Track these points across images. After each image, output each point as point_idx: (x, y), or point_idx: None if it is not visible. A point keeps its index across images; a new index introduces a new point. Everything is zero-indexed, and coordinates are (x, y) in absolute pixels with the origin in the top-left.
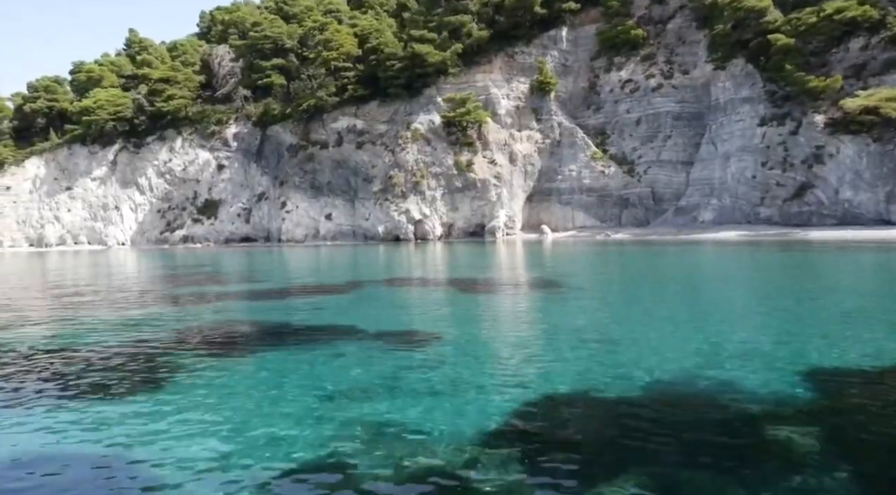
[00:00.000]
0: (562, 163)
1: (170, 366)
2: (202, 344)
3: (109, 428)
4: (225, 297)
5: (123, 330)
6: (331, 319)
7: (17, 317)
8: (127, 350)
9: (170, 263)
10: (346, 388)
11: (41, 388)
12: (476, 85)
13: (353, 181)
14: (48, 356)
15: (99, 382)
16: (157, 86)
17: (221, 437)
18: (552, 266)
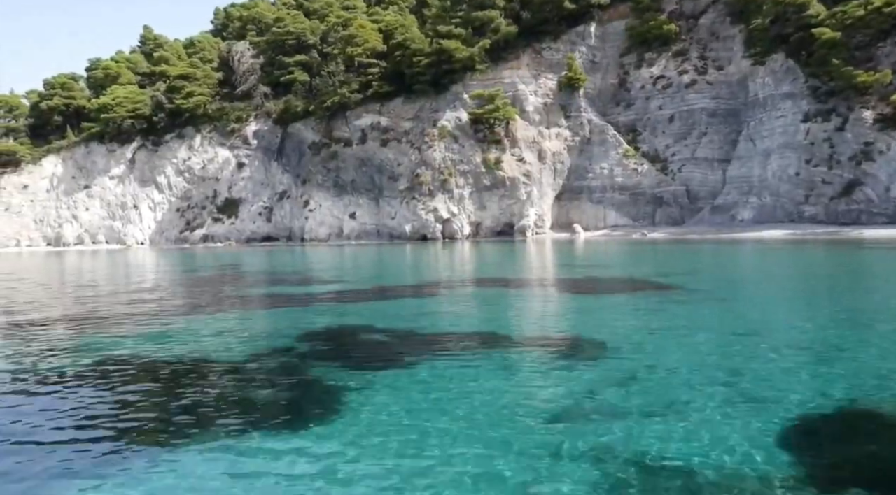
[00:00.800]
0: (592, 161)
1: (323, 385)
2: (342, 355)
3: (301, 465)
4: (320, 299)
5: (238, 340)
6: (460, 324)
7: (108, 324)
8: (260, 366)
9: (209, 263)
10: (549, 407)
11: (191, 422)
12: (503, 81)
13: (378, 179)
14: (172, 373)
15: (256, 408)
16: (176, 83)
17: (435, 475)
18: (629, 264)
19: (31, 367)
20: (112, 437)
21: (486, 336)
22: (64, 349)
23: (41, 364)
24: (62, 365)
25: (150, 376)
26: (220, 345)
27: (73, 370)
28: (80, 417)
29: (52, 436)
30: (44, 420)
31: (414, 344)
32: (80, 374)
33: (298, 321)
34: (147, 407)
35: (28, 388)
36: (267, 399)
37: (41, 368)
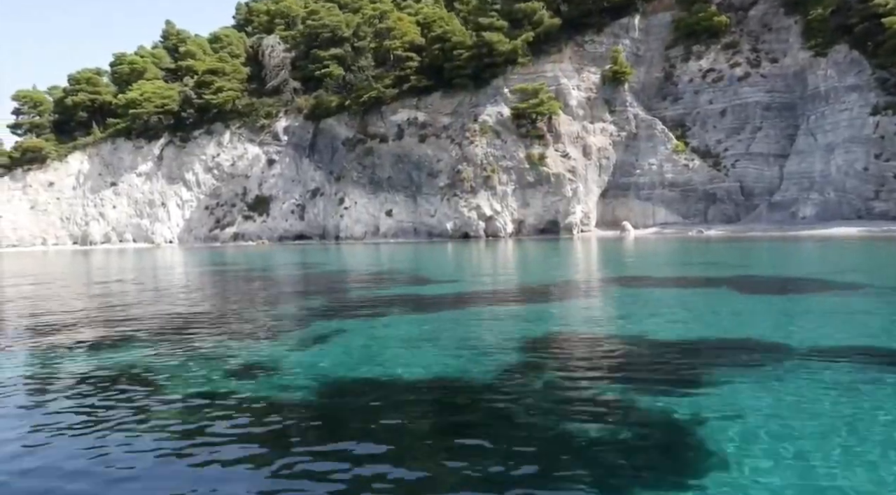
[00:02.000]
0: (639, 157)
1: (665, 414)
2: (638, 370)
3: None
4: (477, 301)
5: (471, 358)
6: (715, 330)
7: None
8: (549, 391)
9: (270, 263)
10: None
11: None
12: (545, 75)
13: (416, 176)
14: (440, 398)
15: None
16: (205, 78)
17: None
18: (743, 262)
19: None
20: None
21: (773, 346)
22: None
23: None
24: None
25: (416, 398)
26: (456, 363)
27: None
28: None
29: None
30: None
31: (707, 353)
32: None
33: (503, 328)
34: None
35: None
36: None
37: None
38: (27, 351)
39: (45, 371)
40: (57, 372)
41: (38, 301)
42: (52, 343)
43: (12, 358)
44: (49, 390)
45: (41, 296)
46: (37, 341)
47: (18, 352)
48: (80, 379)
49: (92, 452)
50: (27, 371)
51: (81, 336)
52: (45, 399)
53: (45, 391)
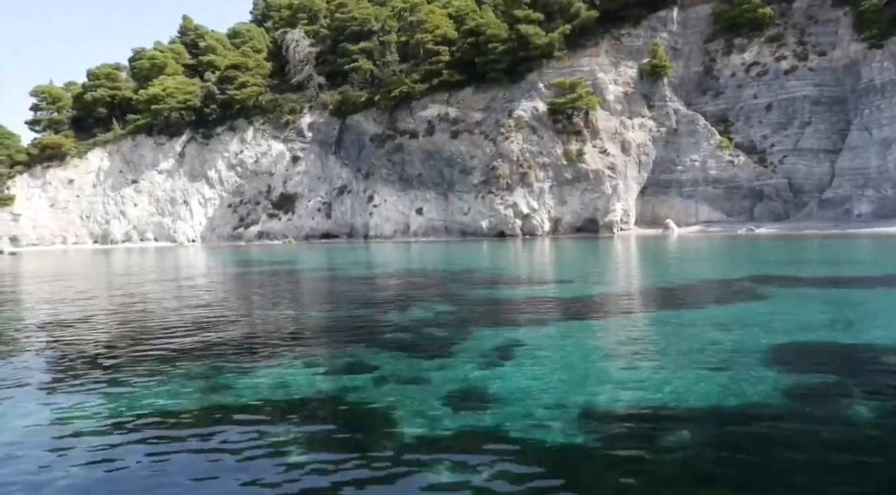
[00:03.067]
0: (680, 153)
1: None
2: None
3: None
4: (631, 303)
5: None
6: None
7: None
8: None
9: (319, 264)
10: None
11: None
12: (581, 69)
13: (448, 173)
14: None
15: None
16: (229, 73)
17: None
18: (831, 261)
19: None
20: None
21: None
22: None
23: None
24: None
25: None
26: (716, 383)
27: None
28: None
29: None
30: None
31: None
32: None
33: (717, 336)
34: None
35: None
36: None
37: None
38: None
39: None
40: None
41: (78, 311)
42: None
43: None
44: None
45: (81, 305)
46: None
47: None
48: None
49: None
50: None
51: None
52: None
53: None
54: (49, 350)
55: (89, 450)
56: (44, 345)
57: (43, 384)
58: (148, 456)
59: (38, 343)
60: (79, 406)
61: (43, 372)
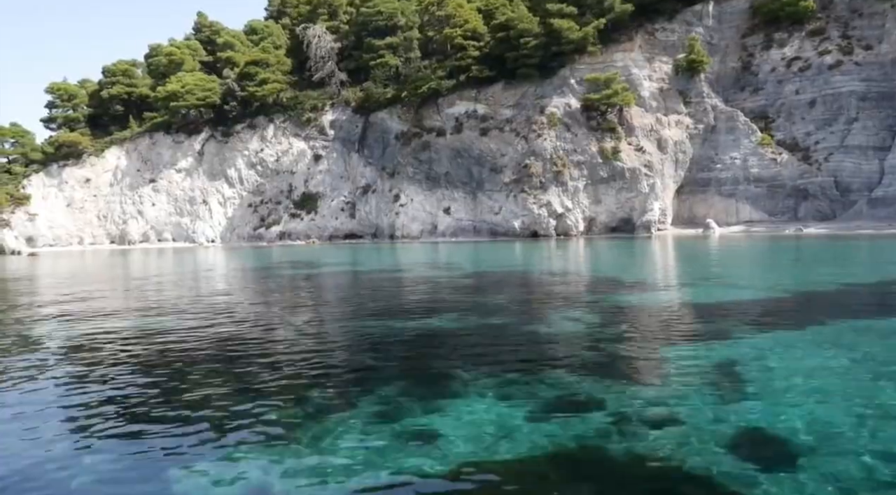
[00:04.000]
0: (719, 151)
1: None
2: None
3: None
4: (791, 310)
5: None
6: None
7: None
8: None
9: (368, 266)
10: None
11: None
12: (615, 65)
13: (477, 171)
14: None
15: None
16: (249, 69)
17: None
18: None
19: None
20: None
21: None
22: None
23: None
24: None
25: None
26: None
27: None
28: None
29: None
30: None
31: None
32: None
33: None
34: None
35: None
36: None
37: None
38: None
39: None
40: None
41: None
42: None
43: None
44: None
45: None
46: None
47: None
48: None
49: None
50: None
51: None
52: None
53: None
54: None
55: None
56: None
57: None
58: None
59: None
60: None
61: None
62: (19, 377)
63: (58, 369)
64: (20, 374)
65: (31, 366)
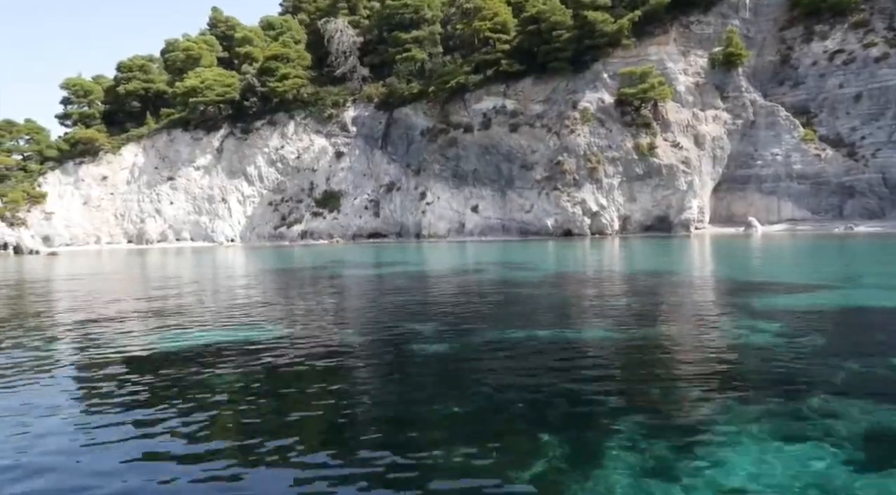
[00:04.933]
0: (759, 147)
1: None
2: None
3: None
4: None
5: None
6: None
7: None
8: None
9: (436, 268)
10: None
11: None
12: (649, 58)
13: (506, 168)
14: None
15: None
16: (270, 64)
17: None
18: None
19: None
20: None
21: None
22: None
23: None
24: None
25: None
26: None
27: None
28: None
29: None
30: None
31: None
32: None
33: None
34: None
35: None
36: None
37: None
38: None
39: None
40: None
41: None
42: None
43: None
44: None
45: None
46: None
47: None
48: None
49: None
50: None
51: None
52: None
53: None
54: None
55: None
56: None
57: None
58: None
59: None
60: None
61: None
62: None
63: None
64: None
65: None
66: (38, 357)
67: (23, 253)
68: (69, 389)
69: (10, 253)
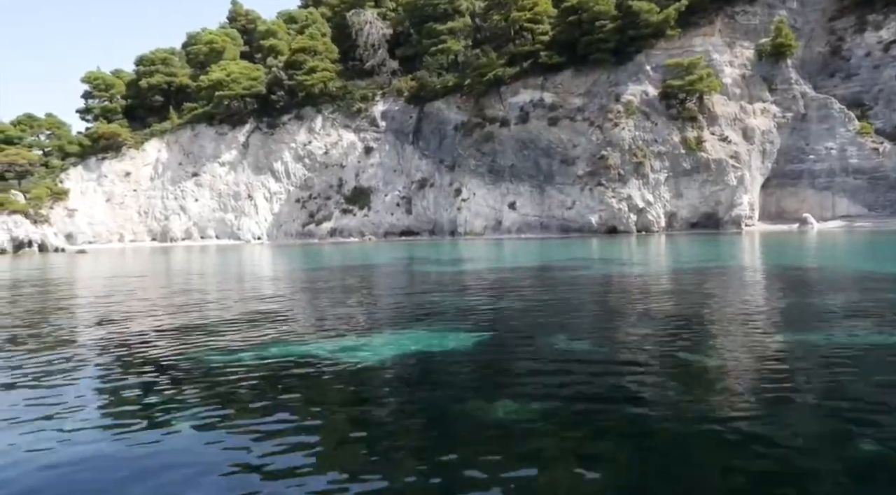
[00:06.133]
0: (811, 141)
1: None
2: None
3: None
4: None
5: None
6: None
7: None
8: None
9: (554, 269)
10: None
11: None
12: (693, 50)
13: (545, 164)
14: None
15: None
16: (297, 57)
17: None
18: None
19: None
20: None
21: None
22: None
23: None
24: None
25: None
26: None
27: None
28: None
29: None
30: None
31: None
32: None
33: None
34: None
35: None
36: None
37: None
38: None
39: None
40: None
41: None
42: None
43: None
44: None
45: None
46: None
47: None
48: None
49: None
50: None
51: None
52: None
53: None
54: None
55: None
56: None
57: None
58: None
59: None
60: None
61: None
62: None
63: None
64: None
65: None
66: (133, 365)
67: (48, 250)
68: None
69: (34, 250)
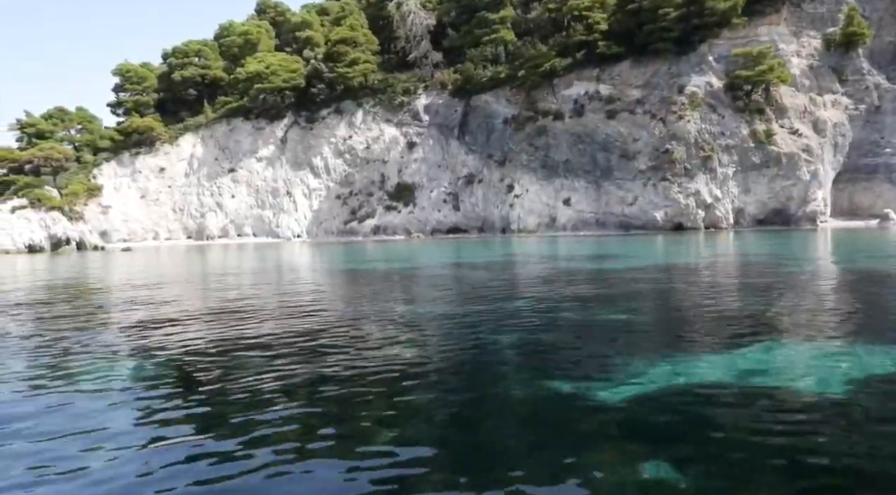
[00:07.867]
0: (886, 134)
1: None
2: None
3: None
4: None
5: None
6: None
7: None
8: None
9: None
10: None
11: None
12: (758, 39)
13: (603, 158)
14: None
15: None
16: (339, 48)
17: None
18: None
19: None
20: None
21: None
22: None
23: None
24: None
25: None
26: None
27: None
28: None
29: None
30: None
31: None
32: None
33: None
34: None
35: None
36: None
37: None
38: None
39: None
40: None
41: None
42: None
43: None
44: None
45: None
46: None
47: None
48: None
49: None
50: None
51: None
52: None
53: None
54: None
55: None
56: None
57: None
58: None
59: None
60: None
61: None
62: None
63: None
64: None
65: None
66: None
67: (85, 248)
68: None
69: (72, 248)
